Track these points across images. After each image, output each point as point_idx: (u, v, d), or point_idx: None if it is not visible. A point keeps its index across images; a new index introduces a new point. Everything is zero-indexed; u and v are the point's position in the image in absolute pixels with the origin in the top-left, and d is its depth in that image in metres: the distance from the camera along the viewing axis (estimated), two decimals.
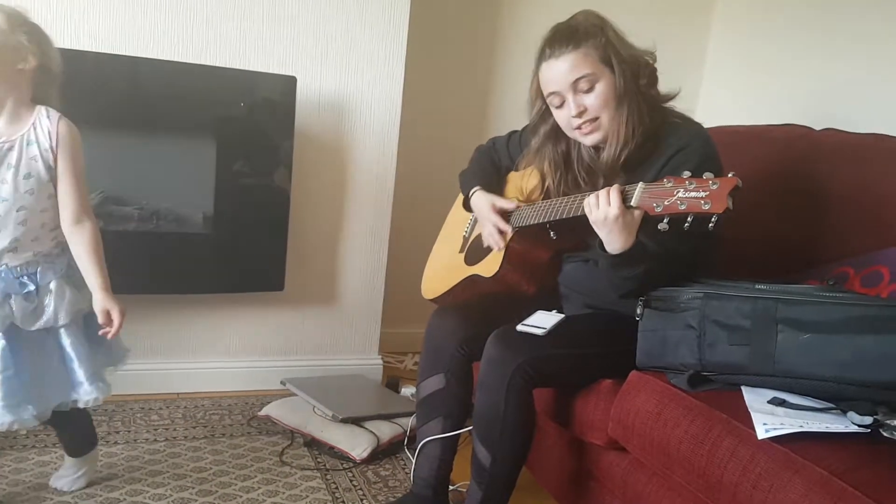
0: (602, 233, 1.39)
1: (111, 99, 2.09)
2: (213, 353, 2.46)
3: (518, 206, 1.73)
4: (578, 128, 1.54)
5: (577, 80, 1.49)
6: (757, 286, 1.39)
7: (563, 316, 1.61)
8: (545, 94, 1.56)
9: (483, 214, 1.78)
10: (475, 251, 1.87)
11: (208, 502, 1.76)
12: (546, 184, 1.69)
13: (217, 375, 2.46)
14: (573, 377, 1.62)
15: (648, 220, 1.33)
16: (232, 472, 1.92)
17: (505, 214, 1.74)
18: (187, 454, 2.00)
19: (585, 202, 1.39)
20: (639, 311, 1.50)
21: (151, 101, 2.14)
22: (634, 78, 1.50)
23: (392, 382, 2.56)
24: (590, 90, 1.50)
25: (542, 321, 1.58)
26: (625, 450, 1.52)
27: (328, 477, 1.95)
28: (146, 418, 2.20)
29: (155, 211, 2.23)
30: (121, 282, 2.19)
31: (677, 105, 1.60)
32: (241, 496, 1.80)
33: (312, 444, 2.11)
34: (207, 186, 2.26)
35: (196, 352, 2.44)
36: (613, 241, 1.38)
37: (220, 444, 2.08)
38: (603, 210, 1.35)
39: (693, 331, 1.40)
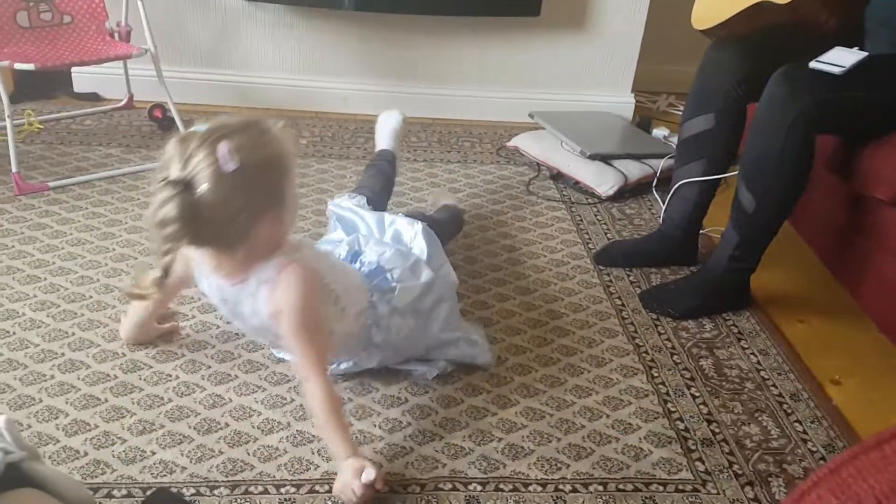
0: None
1: None
2: (464, 81, 2.49)
3: None
4: None
5: None
6: None
7: (865, 54, 1.39)
8: None
9: None
10: None
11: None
12: None
13: (467, 103, 2.50)
14: (864, 125, 1.44)
15: None
16: (483, 195, 2.02)
17: None
18: (443, 175, 2.12)
19: None
20: None
21: None
22: None
23: (643, 122, 2.46)
24: None
25: (840, 59, 1.38)
26: None
27: (573, 209, 1.99)
28: (405, 139, 2.31)
29: None
30: None
31: None
32: (491, 217, 1.91)
33: (558, 177, 2.14)
34: None
35: (445, 79, 2.48)
36: None
37: (472, 168, 2.17)
38: None
39: None
